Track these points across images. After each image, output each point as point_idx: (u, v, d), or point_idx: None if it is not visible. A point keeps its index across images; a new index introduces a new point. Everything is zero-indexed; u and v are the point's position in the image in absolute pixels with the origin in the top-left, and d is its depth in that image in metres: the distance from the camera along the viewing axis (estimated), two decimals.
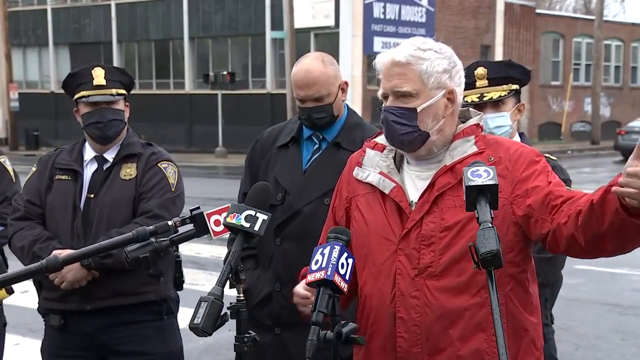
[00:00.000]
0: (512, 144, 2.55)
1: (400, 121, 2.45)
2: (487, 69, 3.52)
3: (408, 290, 2.41)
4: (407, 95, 2.46)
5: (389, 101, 2.48)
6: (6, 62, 32.60)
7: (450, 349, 2.39)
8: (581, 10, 58.22)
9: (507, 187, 2.39)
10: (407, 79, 2.45)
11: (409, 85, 2.45)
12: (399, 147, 2.53)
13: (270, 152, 3.54)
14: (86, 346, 3.55)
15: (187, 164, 21.10)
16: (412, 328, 2.41)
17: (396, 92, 2.47)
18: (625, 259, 11.57)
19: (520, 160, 2.44)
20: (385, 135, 2.52)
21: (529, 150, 2.50)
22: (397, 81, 2.46)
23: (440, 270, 2.39)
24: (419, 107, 2.45)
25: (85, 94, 3.59)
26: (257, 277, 3.45)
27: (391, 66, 2.48)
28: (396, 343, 2.44)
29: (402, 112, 2.45)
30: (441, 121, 2.49)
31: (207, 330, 2.18)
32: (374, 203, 2.53)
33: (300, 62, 3.44)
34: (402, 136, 2.46)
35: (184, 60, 32.69)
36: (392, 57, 2.48)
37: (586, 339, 7.09)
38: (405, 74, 2.46)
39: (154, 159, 3.65)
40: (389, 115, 2.47)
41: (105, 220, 3.49)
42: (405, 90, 2.45)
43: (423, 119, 2.46)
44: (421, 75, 2.46)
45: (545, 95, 37.02)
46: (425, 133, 2.47)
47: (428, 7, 31.05)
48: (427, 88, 2.46)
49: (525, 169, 2.43)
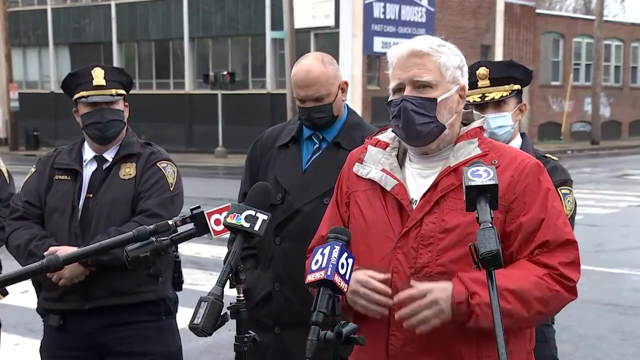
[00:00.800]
0: (518, 153, 2.54)
1: (420, 111, 2.43)
2: (489, 69, 3.52)
3: (403, 289, 2.41)
4: (426, 86, 2.44)
5: (406, 91, 2.45)
6: (6, 62, 32.62)
7: (442, 350, 2.39)
8: (581, 10, 58.26)
9: (507, 196, 2.38)
10: (427, 69, 2.44)
11: (429, 75, 2.44)
12: (413, 139, 2.48)
13: (271, 152, 3.54)
14: (85, 346, 3.55)
15: (187, 164, 21.12)
16: (405, 327, 2.41)
17: (415, 81, 2.44)
18: (625, 259, 11.59)
19: (525, 172, 2.43)
20: (401, 126, 2.46)
21: (534, 164, 2.48)
22: (416, 70, 2.44)
23: (437, 272, 2.39)
24: (439, 98, 2.44)
25: (85, 94, 3.59)
26: (257, 277, 3.45)
27: (409, 56, 2.45)
28: (389, 341, 2.43)
29: (421, 102, 2.43)
30: (454, 116, 2.49)
31: (207, 330, 2.18)
32: (374, 200, 2.52)
33: (300, 62, 3.44)
34: (420, 126, 2.43)
35: (184, 60, 32.70)
36: (412, 47, 2.46)
37: (586, 339, 7.09)
38: (425, 65, 2.44)
39: (153, 158, 3.64)
40: (407, 104, 2.43)
41: (104, 219, 3.49)
42: (425, 80, 2.44)
43: (440, 110, 2.45)
44: (440, 67, 2.45)
45: (545, 95, 37.04)
46: (442, 125, 2.45)
47: (428, 7, 31.07)
48: (445, 81, 2.46)
49: (528, 185, 2.42)
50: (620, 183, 21.41)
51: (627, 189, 19.96)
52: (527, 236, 2.38)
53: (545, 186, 2.45)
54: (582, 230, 11.13)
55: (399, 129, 2.49)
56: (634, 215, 15.10)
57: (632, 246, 11.69)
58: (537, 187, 2.42)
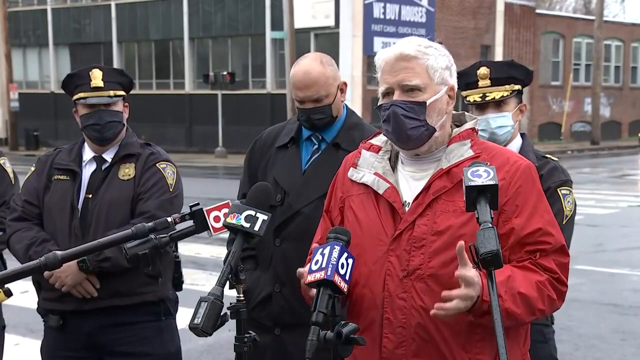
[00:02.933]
0: (511, 154, 2.52)
1: (410, 115, 2.42)
2: (490, 69, 3.51)
3: (396, 292, 2.40)
4: (414, 90, 2.44)
5: (395, 96, 2.45)
6: (6, 62, 32.62)
7: (434, 351, 2.39)
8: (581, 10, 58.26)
9: (500, 198, 2.35)
10: (415, 73, 2.44)
11: (418, 78, 2.43)
12: (404, 143, 2.49)
13: (270, 153, 3.54)
14: (85, 347, 3.55)
15: (187, 164, 21.12)
16: (398, 329, 2.41)
17: (404, 85, 2.44)
18: (625, 259, 11.58)
19: (517, 174, 2.42)
20: (391, 130, 2.46)
21: (526, 166, 2.47)
22: (404, 75, 2.44)
23: (429, 274, 2.38)
24: (428, 100, 2.44)
25: (83, 96, 3.59)
26: (257, 277, 3.45)
27: (397, 60, 2.45)
28: (381, 343, 2.43)
29: (410, 106, 2.43)
30: (444, 117, 2.49)
31: (207, 331, 2.18)
32: (368, 204, 2.52)
33: (299, 63, 3.43)
34: (411, 130, 2.43)
35: (184, 60, 32.70)
36: (400, 51, 2.45)
37: (586, 339, 7.09)
38: (413, 68, 2.44)
39: (152, 159, 3.64)
40: (397, 109, 2.43)
41: (104, 220, 3.49)
42: (414, 84, 2.43)
43: (430, 113, 2.44)
44: (428, 69, 2.45)
45: (545, 95, 37.03)
46: (432, 128, 2.45)
47: (428, 7, 31.07)
48: (434, 83, 2.45)
49: (520, 187, 2.41)
50: (620, 183, 21.41)
51: (627, 189, 19.98)
52: (520, 239, 2.38)
53: (537, 188, 2.45)
54: (582, 230, 11.14)
55: (389, 133, 2.49)
56: (633, 216, 15.11)
57: (632, 246, 11.69)
58: (529, 189, 2.42)
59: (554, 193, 3.25)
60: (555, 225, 2.44)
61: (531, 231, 2.38)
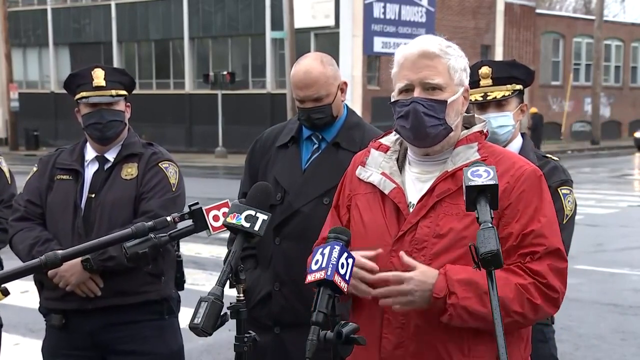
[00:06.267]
0: (517, 159, 2.51)
1: (430, 113, 2.41)
2: (492, 69, 3.52)
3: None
4: (436, 88, 2.43)
5: (416, 93, 2.43)
6: (6, 62, 32.64)
7: (432, 353, 2.39)
8: (581, 10, 58.26)
9: (501, 202, 2.33)
10: (438, 72, 2.43)
11: (440, 77, 2.42)
12: (420, 141, 2.46)
13: (270, 152, 3.54)
14: (87, 346, 3.55)
15: (187, 164, 21.11)
16: (396, 330, 2.41)
17: (426, 83, 2.42)
18: (625, 259, 11.59)
19: (521, 179, 2.41)
20: (409, 127, 2.44)
21: (532, 171, 2.45)
22: (427, 72, 2.42)
23: None
24: (449, 99, 2.43)
25: (85, 95, 3.59)
26: (257, 277, 3.45)
27: (419, 57, 2.43)
28: (381, 344, 2.43)
29: (431, 104, 2.41)
30: (459, 117, 2.49)
31: (207, 330, 2.18)
32: (374, 203, 2.52)
33: (299, 63, 3.44)
34: (430, 129, 2.42)
35: (184, 60, 32.72)
36: (423, 48, 2.44)
37: (586, 339, 7.09)
38: (435, 67, 2.43)
39: (154, 158, 3.65)
40: (418, 106, 2.41)
41: (107, 220, 3.49)
42: (436, 83, 2.42)
43: (449, 112, 2.44)
44: (449, 69, 2.44)
45: (545, 95, 37.06)
46: (450, 127, 2.44)
47: (428, 7, 31.08)
48: (453, 83, 2.45)
49: (523, 192, 2.40)
50: (620, 183, 21.43)
51: (627, 189, 20.00)
52: (517, 243, 2.37)
53: (540, 193, 2.43)
54: (582, 230, 11.14)
55: (405, 130, 2.46)
56: (633, 215, 15.12)
57: (632, 246, 11.69)
58: (532, 194, 2.41)
59: (554, 192, 3.24)
60: (552, 229, 2.41)
61: (525, 233, 2.36)
